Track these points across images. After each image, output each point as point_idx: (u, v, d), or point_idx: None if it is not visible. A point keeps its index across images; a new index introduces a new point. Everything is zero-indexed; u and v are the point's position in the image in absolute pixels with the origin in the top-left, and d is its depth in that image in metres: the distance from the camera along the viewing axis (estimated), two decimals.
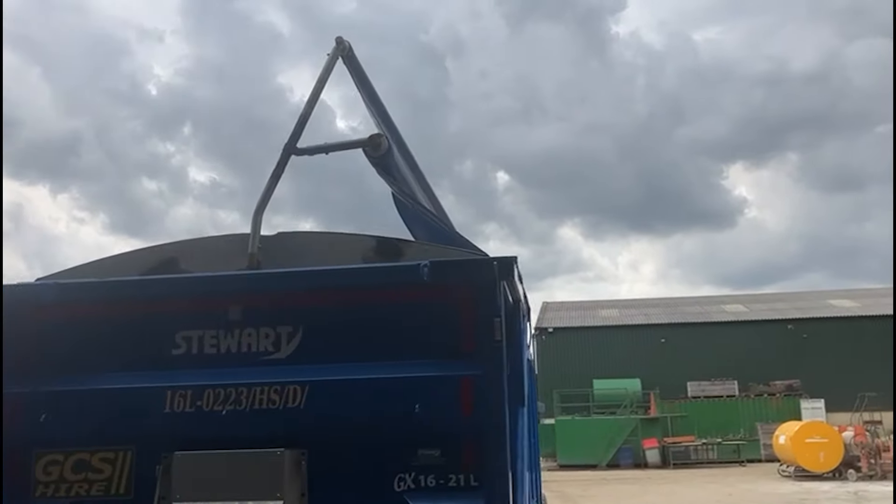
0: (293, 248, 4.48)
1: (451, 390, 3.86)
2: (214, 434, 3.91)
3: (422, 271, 3.87)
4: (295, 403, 3.94)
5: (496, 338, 3.90)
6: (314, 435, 3.92)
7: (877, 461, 26.19)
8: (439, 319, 3.99)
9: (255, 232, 4.50)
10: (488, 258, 4.04)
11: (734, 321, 45.01)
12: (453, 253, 4.29)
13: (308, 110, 5.04)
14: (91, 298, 4.19)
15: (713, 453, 34.18)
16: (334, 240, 4.49)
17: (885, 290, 49.80)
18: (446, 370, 3.89)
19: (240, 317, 4.13)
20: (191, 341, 4.15)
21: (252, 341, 4.12)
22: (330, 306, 4.10)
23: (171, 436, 3.95)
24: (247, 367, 4.06)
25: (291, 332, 4.10)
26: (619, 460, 34.40)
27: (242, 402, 3.97)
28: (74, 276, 4.42)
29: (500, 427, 3.83)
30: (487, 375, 3.86)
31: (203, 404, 3.98)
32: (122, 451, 4.06)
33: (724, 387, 38.65)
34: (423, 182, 6.40)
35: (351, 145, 5.21)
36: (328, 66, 5.19)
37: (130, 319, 4.20)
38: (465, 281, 3.96)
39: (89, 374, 4.11)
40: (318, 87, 5.10)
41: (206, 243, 4.60)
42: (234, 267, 4.37)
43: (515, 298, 4.36)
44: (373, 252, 4.38)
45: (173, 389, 4.01)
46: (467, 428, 3.85)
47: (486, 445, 3.82)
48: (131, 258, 4.55)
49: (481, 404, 3.83)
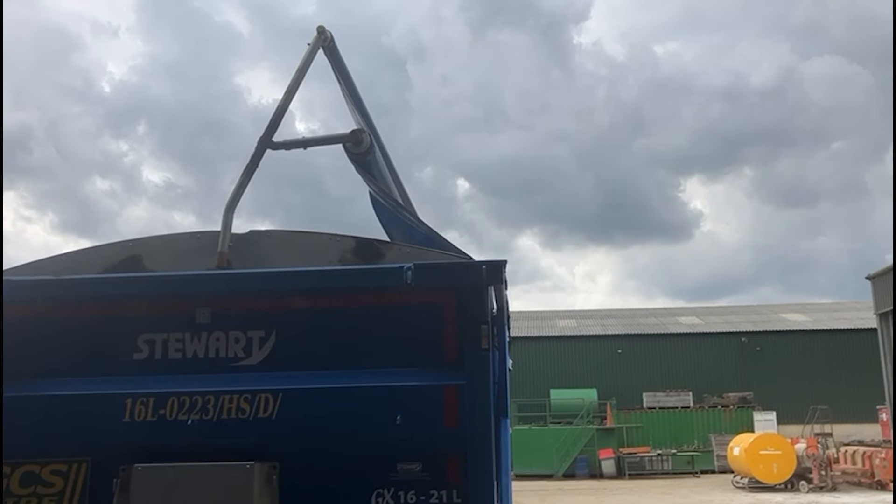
0: (266, 248, 4.21)
1: (433, 400, 3.64)
2: (178, 445, 3.64)
3: (405, 274, 3.64)
4: (266, 413, 3.68)
5: (483, 346, 3.69)
6: (287, 447, 3.68)
7: (828, 473, 26.60)
8: (422, 325, 3.77)
9: (225, 230, 4.22)
10: (476, 262, 3.83)
11: (689, 333, 45.47)
12: (436, 256, 4.06)
13: (285, 102, 4.77)
14: (44, 297, 3.86)
15: (668, 464, 34.35)
16: (310, 240, 4.23)
17: (835, 304, 51.10)
18: (429, 379, 3.67)
19: (208, 319, 3.87)
20: (154, 345, 3.87)
21: (221, 346, 3.85)
22: (305, 310, 3.85)
23: (131, 447, 3.66)
24: (215, 373, 3.79)
25: (263, 337, 3.85)
26: (574, 470, 34.44)
27: (209, 411, 3.70)
28: (26, 273, 4.08)
29: (487, 440, 3.63)
30: (473, 385, 3.65)
31: (166, 413, 3.70)
32: (76, 463, 3.76)
33: (679, 398, 38.97)
34: (401, 186, 6.18)
35: (331, 140, 4.95)
36: (308, 57, 4.92)
37: (87, 321, 3.90)
38: (451, 285, 3.74)
39: (40, 380, 3.80)
40: (298, 78, 4.84)
41: (172, 240, 4.31)
42: (202, 266, 4.09)
43: (501, 304, 4.17)
44: (351, 253, 4.14)
45: (133, 396, 3.72)
46: (451, 441, 3.63)
47: (471, 460, 3.61)
48: (89, 255, 4.23)
49: (466, 415, 3.62)
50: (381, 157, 5.25)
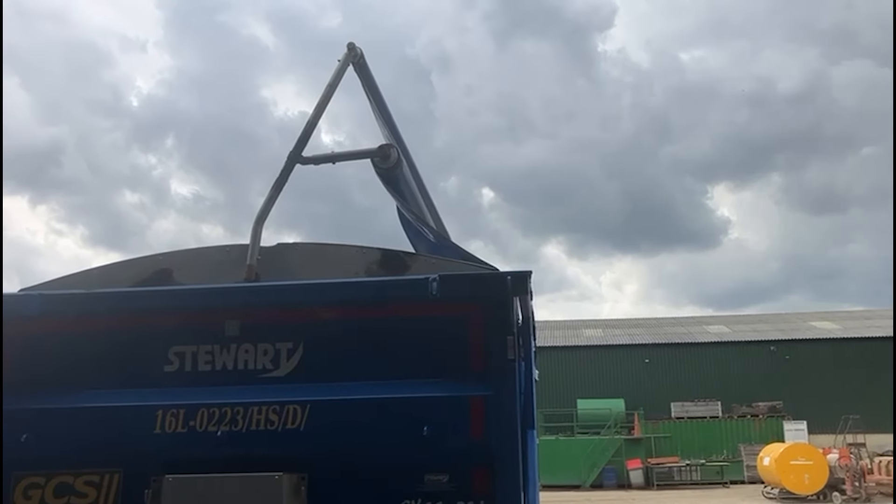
0: (293, 260, 4.27)
1: (459, 411, 3.66)
2: (208, 456, 3.69)
3: (430, 285, 3.67)
4: (294, 424, 3.72)
5: (509, 356, 3.71)
6: (314, 458, 3.70)
7: (861, 484, 26.10)
8: (448, 336, 3.79)
9: (254, 243, 4.28)
10: (502, 272, 3.85)
11: (717, 342, 45.03)
12: (461, 266, 4.09)
13: (315, 118, 4.83)
14: (78, 311, 3.95)
15: (696, 474, 33.98)
16: (336, 252, 4.28)
17: (865, 312, 50.23)
18: (455, 390, 3.69)
19: (237, 332, 3.91)
20: (184, 357, 3.92)
21: (249, 358, 3.90)
22: (332, 321, 3.89)
23: (162, 458, 3.71)
24: (243, 385, 3.84)
25: (291, 349, 3.89)
26: (602, 481, 34.14)
27: (238, 422, 3.75)
28: (59, 287, 4.17)
29: (513, 451, 3.63)
30: (499, 396, 3.66)
31: (196, 424, 3.75)
32: (109, 474, 3.81)
33: (708, 407, 38.54)
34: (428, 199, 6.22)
35: (359, 155, 5.00)
36: (338, 73, 4.99)
37: (120, 333, 3.96)
38: (477, 296, 3.76)
39: (74, 391, 3.87)
40: (328, 93, 4.90)
41: (201, 254, 4.38)
42: (231, 279, 4.15)
43: (527, 315, 4.18)
44: (377, 265, 4.17)
45: (164, 408, 3.78)
46: (477, 452, 3.64)
47: (498, 471, 3.61)
48: (121, 269, 4.31)
49: (492, 427, 3.63)
50: (408, 171, 5.29)
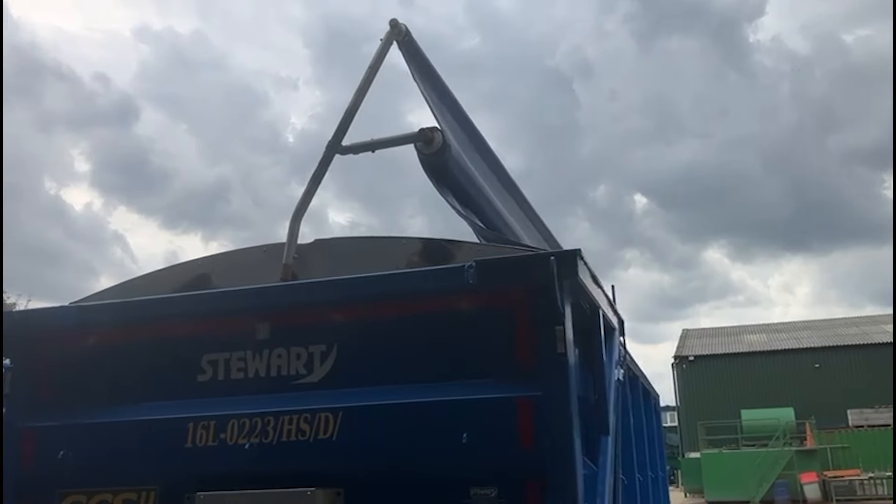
0: (330, 257, 3.94)
1: (504, 415, 3.17)
2: (238, 471, 3.40)
3: (467, 273, 3.21)
4: (327, 434, 3.36)
5: (558, 350, 3.19)
6: (350, 470, 3.34)
7: None
8: (490, 330, 3.32)
9: (291, 240, 4.01)
10: (544, 253, 3.34)
11: None
12: (508, 251, 3.60)
13: (356, 103, 4.51)
14: (112, 321, 3.79)
15: (883, 488, 30.99)
16: (376, 245, 3.92)
17: None
18: (499, 391, 3.21)
19: (268, 335, 3.62)
20: (217, 365, 3.68)
21: (282, 363, 3.59)
22: (365, 320, 3.52)
23: (194, 473, 3.47)
24: (275, 392, 3.53)
25: (325, 351, 3.54)
26: (773, 496, 31.84)
27: (269, 433, 3.44)
28: (98, 300, 4.05)
29: (568, 460, 3.10)
30: (549, 397, 3.15)
31: (227, 437, 3.48)
32: (146, 491, 3.61)
33: (891, 415, 35.17)
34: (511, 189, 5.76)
35: (400, 141, 4.62)
36: (380, 54, 4.64)
37: (155, 343, 3.78)
38: (518, 282, 3.27)
39: (111, 405, 3.71)
40: (369, 76, 4.56)
41: (239, 256, 4.15)
42: (269, 280, 3.87)
43: (589, 304, 3.63)
44: (418, 256, 3.77)
45: (195, 420, 3.53)
46: (527, 461, 3.14)
47: (551, 484, 3.09)
48: (160, 277, 4.16)
49: (543, 433, 3.12)
50: (461, 158, 4.78)
